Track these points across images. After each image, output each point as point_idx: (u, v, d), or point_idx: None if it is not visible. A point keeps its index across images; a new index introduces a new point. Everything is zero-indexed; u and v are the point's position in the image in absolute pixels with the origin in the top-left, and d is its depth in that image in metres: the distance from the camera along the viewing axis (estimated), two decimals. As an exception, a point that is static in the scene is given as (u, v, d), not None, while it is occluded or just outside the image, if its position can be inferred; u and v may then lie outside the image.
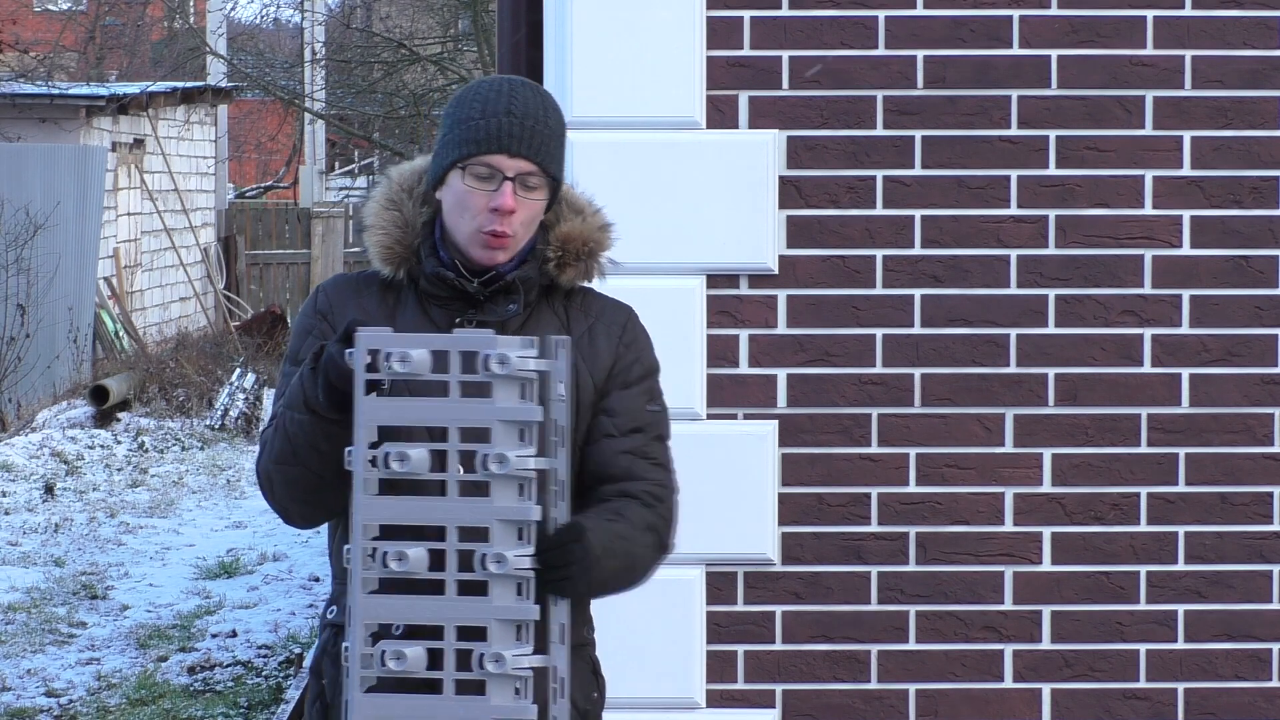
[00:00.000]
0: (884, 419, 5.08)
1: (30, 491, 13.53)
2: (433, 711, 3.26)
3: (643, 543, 3.47)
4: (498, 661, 3.23)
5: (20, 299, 17.27)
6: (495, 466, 3.24)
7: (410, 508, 3.29)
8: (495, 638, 3.25)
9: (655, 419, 3.58)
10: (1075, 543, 5.10)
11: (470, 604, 3.25)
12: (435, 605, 3.26)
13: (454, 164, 3.47)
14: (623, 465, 3.51)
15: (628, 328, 3.60)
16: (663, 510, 3.52)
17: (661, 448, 3.57)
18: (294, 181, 30.93)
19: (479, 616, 3.25)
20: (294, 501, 3.49)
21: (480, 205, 3.46)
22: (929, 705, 5.10)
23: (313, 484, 3.43)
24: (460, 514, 3.27)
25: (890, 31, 5.05)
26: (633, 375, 3.57)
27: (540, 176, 3.48)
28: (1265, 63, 5.07)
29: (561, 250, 3.55)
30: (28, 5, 33.42)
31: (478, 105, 3.47)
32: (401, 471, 3.25)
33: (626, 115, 5.01)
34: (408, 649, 3.25)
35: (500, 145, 3.45)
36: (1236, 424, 5.10)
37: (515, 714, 3.24)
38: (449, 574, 3.26)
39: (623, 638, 4.11)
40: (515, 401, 3.27)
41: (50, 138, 20.07)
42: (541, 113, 3.48)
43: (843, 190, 5.07)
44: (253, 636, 9.56)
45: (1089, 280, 5.08)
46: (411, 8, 25.56)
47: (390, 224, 3.55)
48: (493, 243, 3.47)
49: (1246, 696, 5.12)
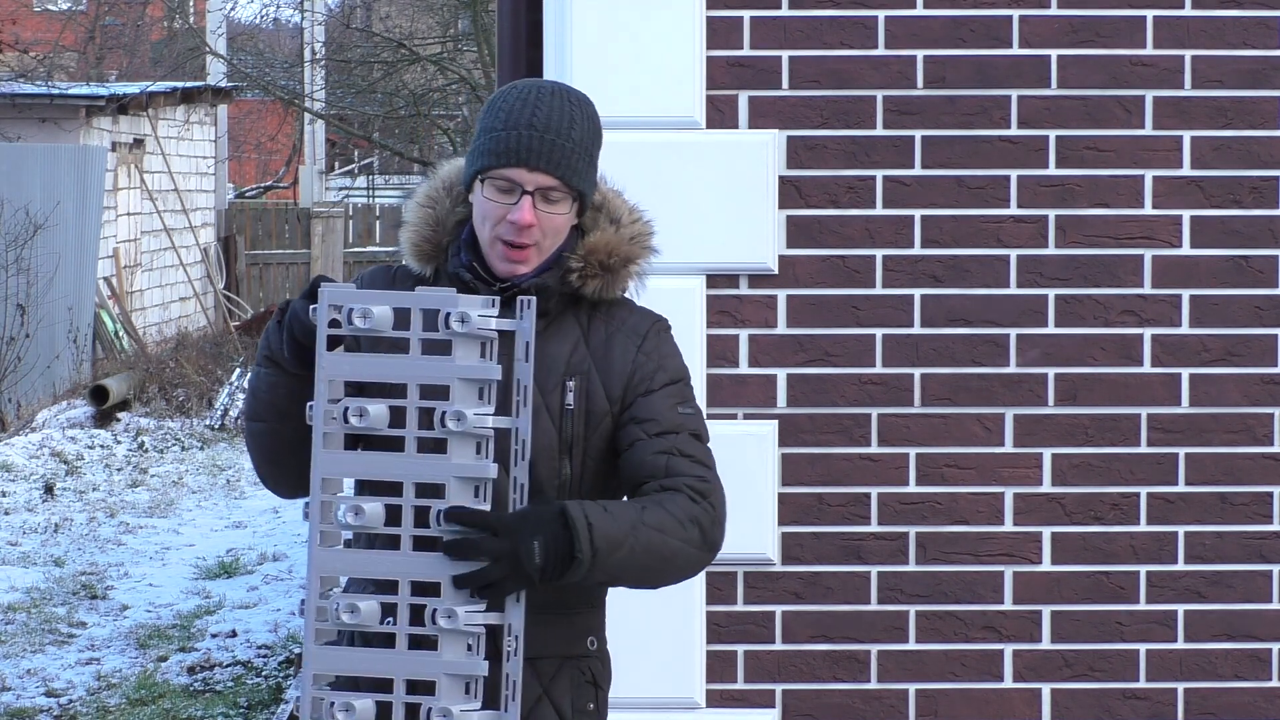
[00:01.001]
0: (884, 419, 5.08)
1: (30, 491, 13.53)
2: (385, 665, 3.29)
3: (681, 535, 3.38)
4: (450, 617, 3.25)
5: (20, 299, 17.27)
6: (453, 424, 3.27)
7: (368, 462, 3.32)
8: (447, 595, 3.27)
9: (688, 420, 3.50)
10: (1075, 543, 5.10)
11: (423, 561, 3.28)
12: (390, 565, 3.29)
13: (476, 174, 3.47)
14: (660, 464, 3.44)
15: (649, 337, 3.54)
16: (707, 505, 3.43)
17: (699, 446, 3.49)
18: (294, 181, 30.93)
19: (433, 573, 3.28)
20: (264, 462, 3.57)
21: (499, 217, 3.44)
22: (929, 705, 5.10)
23: (275, 442, 3.51)
24: (418, 470, 3.29)
25: (890, 31, 5.05)
26: (656, 382, 3.51)
27: (562, 190, 3.45)
28: (1265, 63, 5.07)
29: (584, 261, 3.51)
30: (28, 5, 33.42)
31: (502, 115, 3.45)
32: (360, 426, 3.29)
33: (626, 115, 5.01)
34: (361, 602, 3.29)
35: (519, 159, 3.42)
36: (1236, 424, 5.10)
37: (466, 669, 3.26)
38: (404, 529, 3.29)
39: (623, 638, 4.10)
40: (475, 360, 3.29)
41: (50, 138, 20.07)
42: (566, 125, 3.44)
43: (843, 190, 5.07)
44: (253, 636, 9.56)
45: (1089, 280, 5.08)
46: (411, 8, 25.57)
47: (424, 221, 3.56)
48: (511, 255, 3.45)
49: (1246, 696, 5.12)
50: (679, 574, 3.43)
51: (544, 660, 3.47)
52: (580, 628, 3.54)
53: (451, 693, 3.27)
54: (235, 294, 24.75)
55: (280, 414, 3.48)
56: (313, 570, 3.31)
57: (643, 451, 3.45)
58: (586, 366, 3.49)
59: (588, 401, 3.48)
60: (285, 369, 3.45)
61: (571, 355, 3.49)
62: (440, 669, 3.27)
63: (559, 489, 3.46)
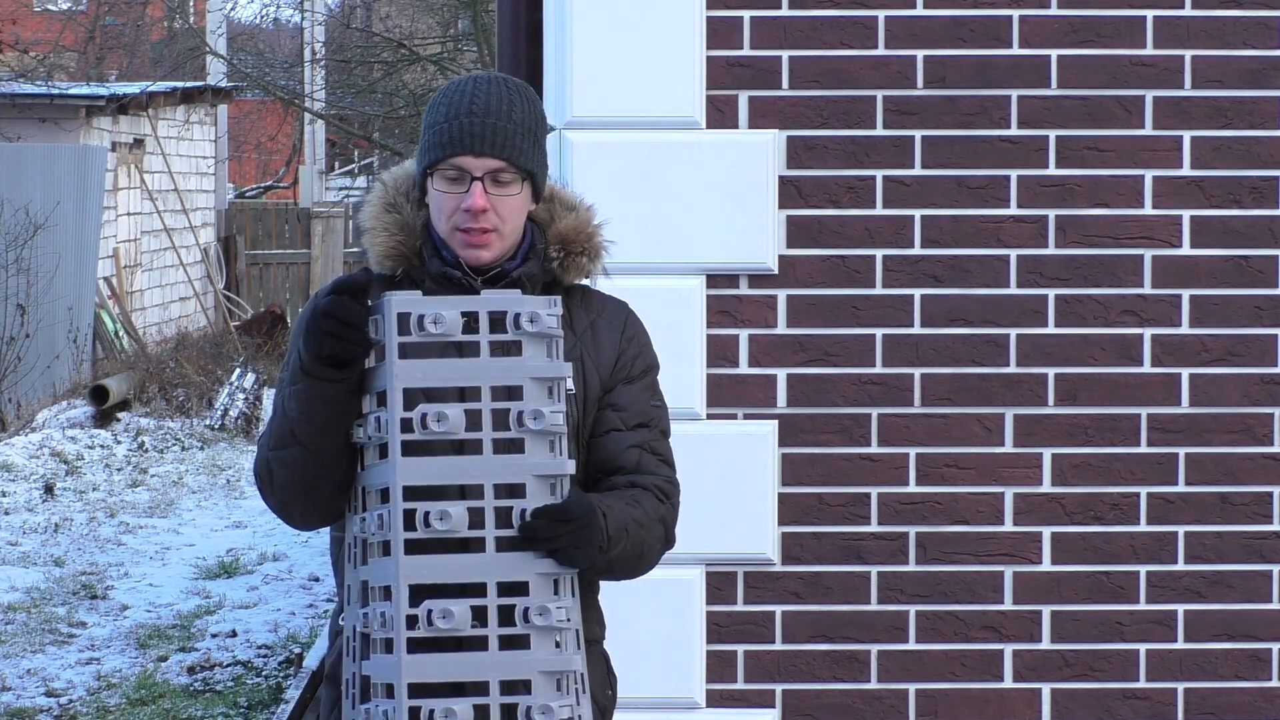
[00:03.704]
0: (884, 419, 5.09)
1: (30, 491, 13.53)
2: (480, 667, 3.27)
3: (654, 534, 3.52)
4: (543, 614, 3.27)
5: (20, 299, 17.27)
6: (531, 423, 3.29)
7: (449, 467, 3.30)
8: (536, 591, 3.28)
9: (658, 414, 3.63)
10: (1075, 543, 5.10)
11: (509, 561, 3.28)
12: (477, 568, 3.28)
13: (425, 170, 3.50)
14: (632, 458, 3.56)
15: (628, 323, 3.63)
16: (670, 506, 3.58)
17: (665, 444, 3.63)
18: (294, 181, 30.93)
19: (521, 572, 3.28)
20: (293, 491, 3.47)
21: (453, 207, 3.48)
22: (929, 705, 5.10)
23: (311, 468, 3.42)
24: (498, 471, 3.29)
25: (890, 31, 5.05)
26: (635, 370, 3.61)
27: (512, 171, 3.48)
28: (1265, 63, 5.07)
29: (563, 248, 3.57)
30: (28, 5, 33.42)
31: (443, 109, 3.50)
32: (440, 431, 3.27)
33: (626, 115, 5.02)
34: (455, 606, 3.26)
35: (464, 146, 3.46)
36: (1236, 424, 5.10)
37: (561, 665, 3.28)
38: (489, 531, 3.28)
39: (623, 638, 4.11)
40: (544, 359, 3.32)
41: (50, 138, 20.07)
42: (505, 107, 3.48)
43: (843, 190, 5.07)
44: (253, 636, 9.56)
45: (1089, 280, 5.08)
46: (411, 8, 25.56)
47: (392, 225, 3.57)
48: (471, 240, 3.48)
49: (1246, 696, 5.12)
50: (646, 568, 3.57)
51: None
52: (593, 614, 3.61)
53: (545, 690, 3.28)
54: (235, 294, 24.75)
55: (320, 429, 3.37)
56: (400, 578, 3.26)
57: (619, 443, 3.55)
58: (579, 353, 3.56)
59: (585, 387, 3.55)
60: (321, 379, 3.35)
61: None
62: (535, 667, 3.28)
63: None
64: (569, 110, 5.02)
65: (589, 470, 3.56)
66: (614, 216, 3.69)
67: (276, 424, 3.44)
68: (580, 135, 5.01)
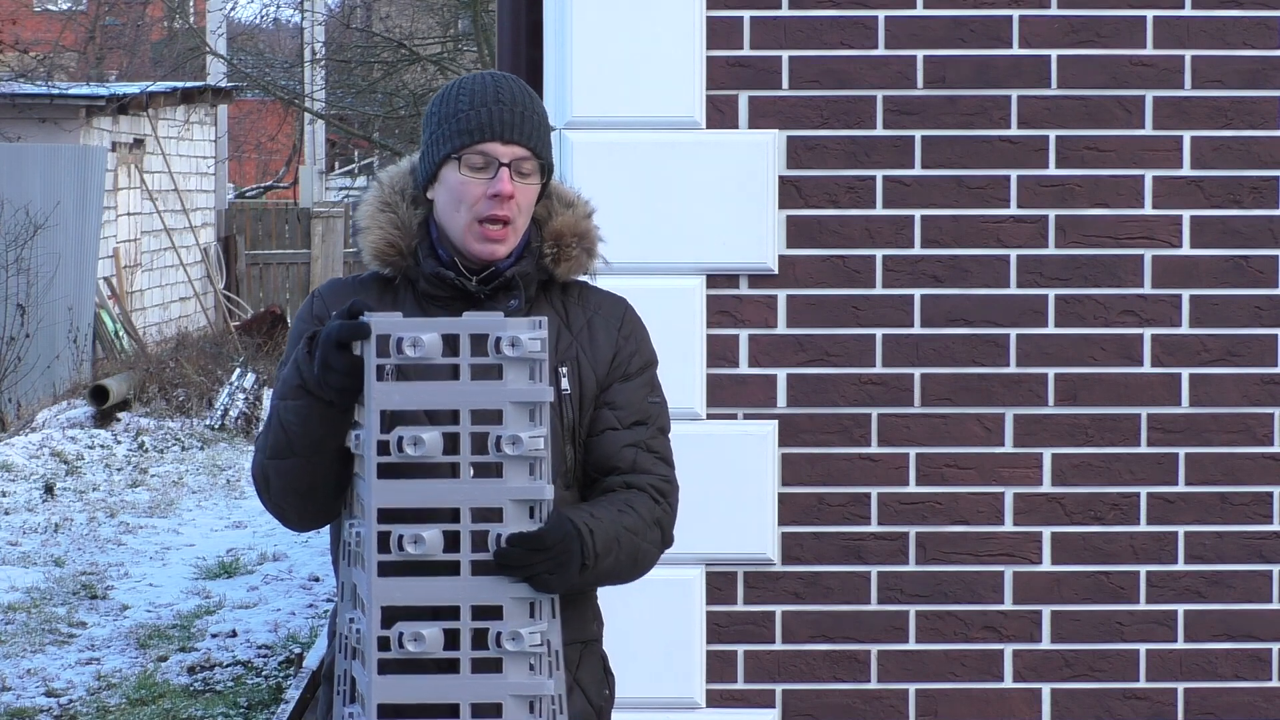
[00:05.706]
0: (884, 419, 5.08)
1: (30, 491, 13.53)
2: (451, 690, 3.27)
3: (649, 538, 3.50)
4: (515, 639, 3.25)
5: (20, 299, 17.27)
6: (509, 448, 3.26)
7: (424, 490, 3.28)
8: (510, 616, 3.27)
9: (656, 411, 3.60)
10: (1075, 543, 5.10)
11: (484, 585, 3.27)
12: (451, 591, 3.27)
13: (447, 157, 3.48)
14: (628, 458, 3.53)
15: (625, 320, 3.61)
16: (667, 506, 3.55)
17: (664, 441, 3.59)
18: (294, 181, 30.94)
19: (494, 596, 3.27)
20: (290, 497, 3.46)
21: (478, 194, 3.46)
22: (929, 705, 5.10)
23: (308, 476, 3.41)
24: (474, 496, 3.28)
25: (890, 31, 5.05)
26: (633, 367, 3.58)
27: (533, 162, 3.48)
28: (1265, 63, 5.07)
29: (556, 245, 3.56)
30: (28, 5, 33.41)
31: (465, 98, 3.48)
32: (416, 455, 3.25)
33: (626, 115, 5.02)
34: (426, 630, 3.26)
35: (494, 133, 3.45)
36: (1236, 424, 5.10)
37: (533, 689, 3.26)
38: (464, 554, 3.26)
39: (623, 638, 4.11)
40: (525, 383, 3.29)
41: (50, 138, 20.07)
42: (528, 100, 3.50)
43: (843, 190, 5.07)
44: (253, 636, 9.56)
45: (1089, 280, 5.08)
46: (411, 8, 25.56)
47: (388, 224, 3.55)
48: (491, 233, 3.46)
49: (1246, 696, 5.12)
50: (641, 573, 3.54)
51: (568, 647, 3.49)
52: (589, 612, 3.60)
53: (517, 713, 3.27)
54: (235, 294, 24.75)
55: (318, 442, 3.37)
56: (373, 600, 3.25)
57: (614, 442, 3.53)
58: (574, 352, 3.54)
59: (580, 386, 3.53)
60: (315, 395, 3.34)
61: (558, 342, 3.54)
62: (507, 690, 3.27)
63: (565, 475, 3.51)
64: (569, 110, 5.02)
65: (585, 469, 3.54)
66: (614, 216, 3.69)
67: (274, 434, 3.42)
68: (580, 135, 5.01)
